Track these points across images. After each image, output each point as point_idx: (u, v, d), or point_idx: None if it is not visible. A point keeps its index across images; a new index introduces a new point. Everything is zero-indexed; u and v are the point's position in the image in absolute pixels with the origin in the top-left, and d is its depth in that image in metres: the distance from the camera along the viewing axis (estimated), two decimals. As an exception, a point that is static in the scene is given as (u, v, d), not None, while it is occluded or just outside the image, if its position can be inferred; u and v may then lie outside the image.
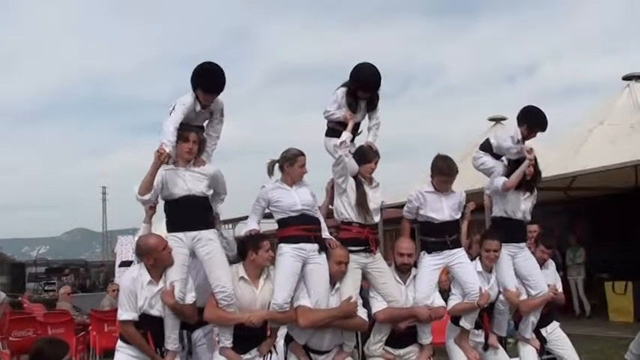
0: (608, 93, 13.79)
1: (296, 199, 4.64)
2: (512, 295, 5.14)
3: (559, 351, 5.54)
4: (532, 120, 5.32)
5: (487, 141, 5.49)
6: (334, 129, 4.97)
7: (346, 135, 4.75)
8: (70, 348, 4.07)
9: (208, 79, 4.58)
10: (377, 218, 4.90)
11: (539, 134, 5.40)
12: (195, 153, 4.51)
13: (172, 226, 4.45)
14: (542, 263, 5.46)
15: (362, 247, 4.77)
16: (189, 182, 4.43)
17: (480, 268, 5.09)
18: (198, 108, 4.60)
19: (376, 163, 4.91)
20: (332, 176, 4.92)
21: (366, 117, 5.12)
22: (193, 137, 4.47)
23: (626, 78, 12.75)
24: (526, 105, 5.48)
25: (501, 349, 5.29)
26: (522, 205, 5.29)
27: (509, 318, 5.45)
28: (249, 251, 4.51)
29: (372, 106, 5.08)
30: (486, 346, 5.19)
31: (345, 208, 4.79)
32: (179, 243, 4.38)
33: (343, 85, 4.99)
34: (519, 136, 5.23)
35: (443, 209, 4.97)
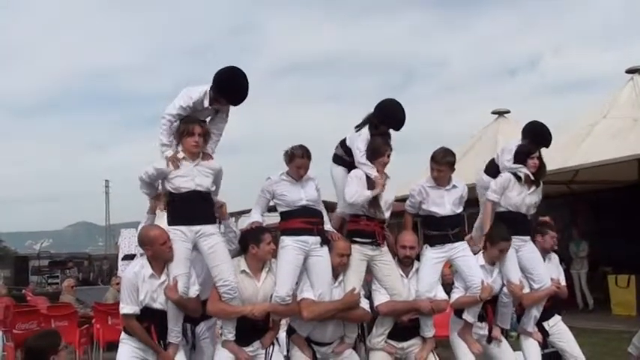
0: (612, 86, 13.76)
1: (302, 195, 4.64)
2: (515, 287, 5.14)
3: (561, 344, 5.54)
4: (535, 138, 5.43)
5: (492, 163, 5.58)
6: (342, 157, 4.97)
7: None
8: (61, 336, 4.07)
9: (232, 93, 4.52)
10: (387, 214, 4.89)
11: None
12: (201, 145, 4.46)
13: (175, 220, 4.40)
14: (548, 251, 5.49)
15: (369, 240, 4.77)
16: (197, 177, 4.40)
17: (482, 261, 5.09)
18: (207, 104, 4.52)
19: (389, 156, 4.87)
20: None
21: None
22: (198, 130, 4.42)
23: (630, 71, 12.70)
24: (531, 121, 5.60)
25: (505, 342, 5.28)
26: (527, 200, 5.31)
27: (512, 311, 5.46)
28: (251, 245, 4.51)
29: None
30: (490, 339, 5.19)
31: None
32: (182, 237, 4.34)
33: (364, 122, 4.93)
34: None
35: (444, 204, 4.98)
